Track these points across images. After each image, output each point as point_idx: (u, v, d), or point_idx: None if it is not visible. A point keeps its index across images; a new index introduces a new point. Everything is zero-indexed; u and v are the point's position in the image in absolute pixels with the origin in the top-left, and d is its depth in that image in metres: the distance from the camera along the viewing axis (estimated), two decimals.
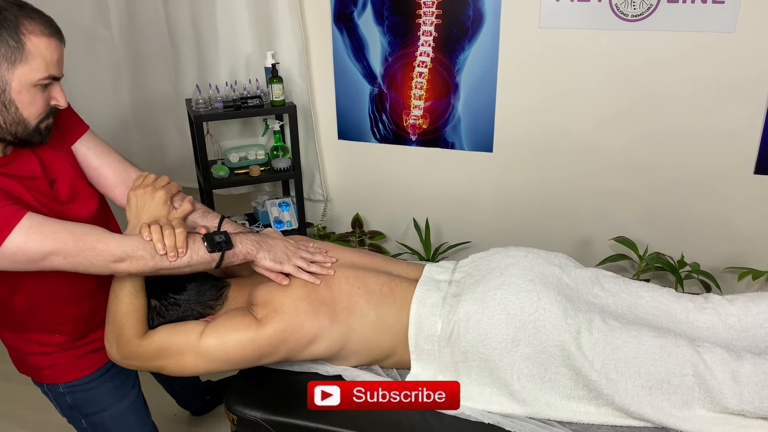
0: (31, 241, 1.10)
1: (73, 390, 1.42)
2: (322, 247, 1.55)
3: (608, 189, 2.41)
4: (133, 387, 1.53)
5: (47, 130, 1.23)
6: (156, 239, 1.22)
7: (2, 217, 1.09)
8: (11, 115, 1.15)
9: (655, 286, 1.53)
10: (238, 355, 1.33)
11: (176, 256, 1.22)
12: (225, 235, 1.31)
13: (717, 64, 2.09)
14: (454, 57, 2.40)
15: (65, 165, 1.33)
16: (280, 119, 2.62)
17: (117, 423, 1.47)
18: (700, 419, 1.30)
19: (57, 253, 1.13)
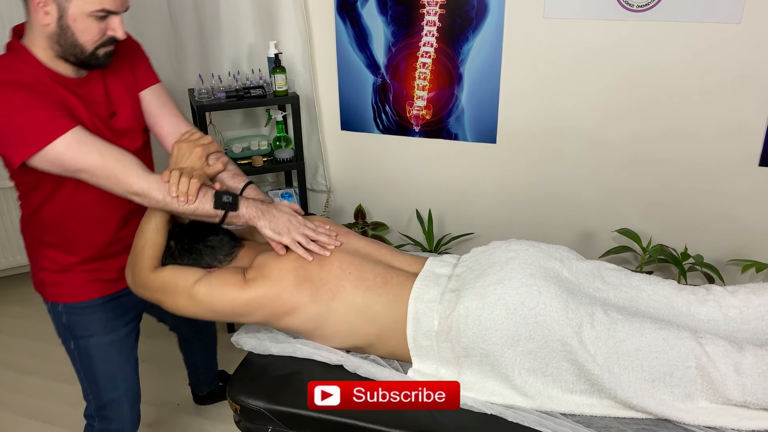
0: (68, 153, 1.28)
1: (70, 311, 1.54)
2: (334, 231, 1.58)
3: (612, 180, 2.40)
4: (125, 326, 1.61)
5: (106, 56, 1.38)
6: (172, 183, 1.35)
7: (54, 125, 1.27)
8: (68, 39, 1.31)
9: (657, 279, 1.53)
10: (220, 307, 1.44)
11: (185, 202, 1.36)
12: (233, 197, 1.42)
13: (723, 56, 2.08)
14: (458, 47, 2.39)
15: (128, 104, 1.51)
16: (282, 109, 2.62)
17: (99, 352, 1.56)
18: (702, 411, 1.30)
19: (85, 171, 1.31)
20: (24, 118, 1.25)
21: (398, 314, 1.45)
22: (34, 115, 1.26)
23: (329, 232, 1.56)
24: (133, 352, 1.66)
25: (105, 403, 1.60)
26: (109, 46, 1.37)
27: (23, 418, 2.22)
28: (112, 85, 1.48)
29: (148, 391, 2.31)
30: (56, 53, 1.34)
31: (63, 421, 2.18)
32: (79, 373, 1.60)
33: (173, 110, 1.61)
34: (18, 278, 3.06)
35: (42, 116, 1.26)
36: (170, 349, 2.50)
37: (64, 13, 1.28)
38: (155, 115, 1.57)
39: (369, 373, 1.44)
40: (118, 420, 1.61)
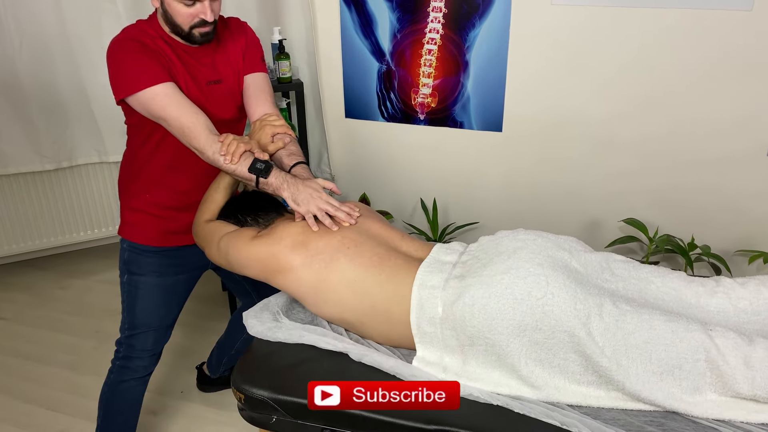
0: (155, 101, 1.57)
1: (131, 249, 1.79)
2: (358, 211, 1.64)
3: (619, 170, 2.38)
4: (173, 276, 1.83)
5: (202, 36, 1.62)
6: (224, 144, 1.58)
7: (151, 77, 1.56)
8: (170, 19, 1.59)
9: (666, 270, 1.51)
10: (232, 258, 1.58)
11: (229, 161, 1.57)
12: (267, 165, 1.58)
13: (733, 43, 2.05)
14: (464, 34, 2.36)
15: (229, 80, 1.75)
16: (286, 96, 2.60)
17: (145, 290, 1.78)
18: (711, 404, 1.29)
19: (163, 120, 1.59)
20: (130, 65, 1.57)
21: (391, 296, 1.45)
22: (138, 64, 1.56)
23: (351, 210, 1.61)
24: (176, 299, 1.86)
25: (134, 333, 1.79)
26: (204, 27, 1.60)
27: (29, 406, 2.23)
28: (220, 59, 1.73)
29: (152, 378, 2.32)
30: (169, 29, 1.63)
31: (68, 409, 2.18)
32: (123, 303, 1.81)
33: (268, 98, 1.81)
34: (24, 266, 3.07)
35: (144, 66, 1.56)
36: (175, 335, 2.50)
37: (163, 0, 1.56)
38: (250, 97, 1.78)
39: (374, 362, 1.44)
40: (140, 348, 1.81)
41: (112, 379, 1.83)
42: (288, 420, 1.40)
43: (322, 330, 1.52)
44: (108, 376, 1.84)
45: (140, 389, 1.86)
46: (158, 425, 2.13)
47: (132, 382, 1.83)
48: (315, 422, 1.38)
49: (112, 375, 1.83)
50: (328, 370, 1.44)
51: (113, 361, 1.84)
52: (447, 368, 1.42)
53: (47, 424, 2.14)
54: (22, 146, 2.83)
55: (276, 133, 1.72)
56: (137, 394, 1.86)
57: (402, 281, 1.46)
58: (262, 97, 1.79)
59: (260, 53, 1.82)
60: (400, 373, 1.41)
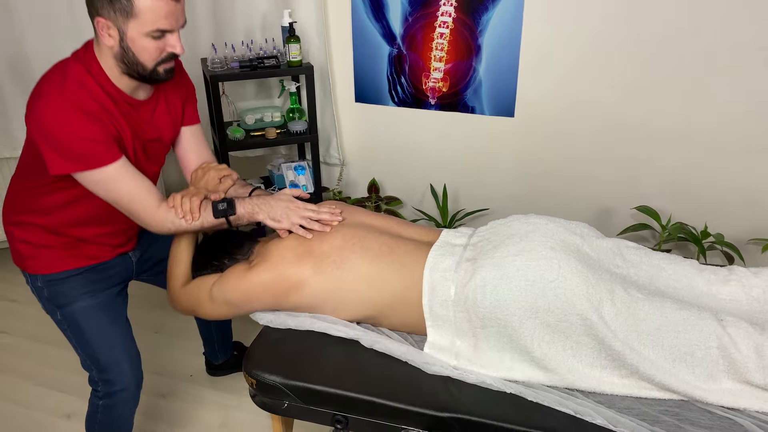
0: (106, 184, 1.42)
1: (49, 284, 1.59)
2: (339, 209, 1.62)
3: (631, 157, 2.35)
4: (106, 290, 1.64)
5: (167, 72, 1.47)
6: (176, 206, 1.48)
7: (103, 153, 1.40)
8: (130, 58, 1.40)
9: (678, 258, 1.50)
10: (233, 298, 1.51)
11: (191, 220, 1.49)
12: (228, 202, 1.52)
13: (752, 26, 2.01)
14: (477, 17, 2.32)
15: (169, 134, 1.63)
16: (296, 80, 2.57)
17: (85, 316, 1.59)
18: (726, 392, 1.28)
19: (113, 202, 1.46)
20: (79, 143, 1.37)
21: (408, 282, 1.44)
22: (88, 144, 1.37)
23: (332, 209, 1.59)
24: (122, 314, 1.69)
25: (104, 365, 1.61)
26: (170, 62, 1.46)
27: (39, 388, 2.24)
28: (161, 114, 1.60)
29: (160, 362, 2.34)
30: (122, 70, 1.44)
31: (78, 391, 2.19)
32: (71, 342, 1.63)
33: (206, 149, 1.74)
34: None
35: (95, 146, 1.38)
36: (183, 319, 2.50)
37: (124, 36, 1.37)
38: (189, 150, 1.71)
39: (386, 349, 1.43)
40: (120, 380, 1.62)
41: (101, 419, 1.66)
42: (300, 405, 1.40)
43: (332, 318, 1.51)
44: (92, 416, 1.67)
45: (133, 413, 1.70)
46: (167, 408, 2.14)
47: (126, 413, 1.67)
48: (327, 408, 1.38)
49: (99, 416, 1.65)
50: (340, 356, 1.44)
51: (93, 401, 1.66)
52: (459, 354, 1.41)
53: (56, 405, 2.15)
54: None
55: (222, 175, 1.64)
56: (130, 418, 1.70)
57: (415, 266, 1.46)
58: (203, 150, 1.73)
59: (196, 102, 1.73)
60: (412, 359, 1.41)
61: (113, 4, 1.34)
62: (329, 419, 1.39)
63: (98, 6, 1.35)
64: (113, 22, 1.36)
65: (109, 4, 1.34)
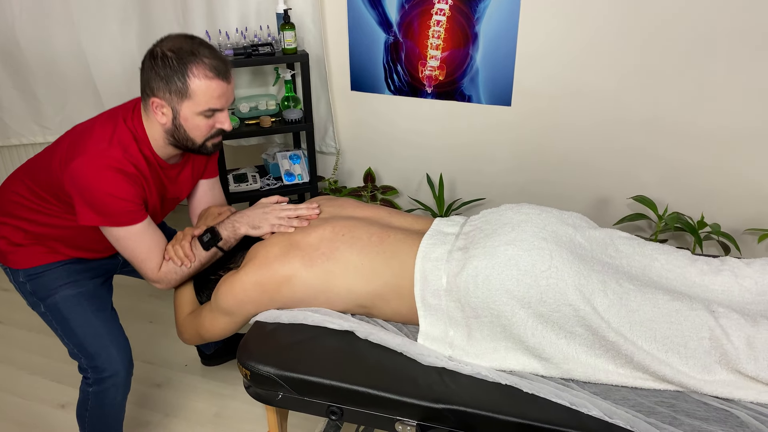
0: (126, 239, 1.52)
1: (31, 278, 1.61)
2: (316, 203, 1.66)
3: (629, 146, 2.34)
4: (90, 281, 1.68)
5: (214, 146, 1.58)
6: (171, 256, 1.56)
7: (131, 214, 1.49)
8: (181, 134, 1.51)
9: (671, 248, 1.49)
10: (229, 306, 1.50)
11: (189, 263, 1.57)
12: (210, 231, 1.58)
13: (751, 13, 1.99)
14: (474, 5, 2.30)
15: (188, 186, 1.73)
16: (291, 68, 2.55)
17: (68, 305, 1.61)
18: (721, 383, 1.28)
19: (126, 254, 1.55)
20: (112, 201, 1.45)
21: (399, 271, 1.43)
22: (120, 204, 1.46)
23: (309, 205, 1.62)
24: (107, 303, 1.70)
25: (92, 353, 1.60)
26: (218, 137, 1.56)
27: (33, 377, 2.23)
28: (186, 176, 1.70)
29: (155, 351, 2.33)
30: (170, 143, 1.54)
31: (73, 380, 2.18)
32: (57, 333, 1.63)
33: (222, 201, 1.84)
34: None
35: (125, 206, 1.47)
36: None
37: (177, 114, 1.47)
38: (204, 202, 1.80)
39: (380, 340, 1.42)
40: (109, 366, 1.61)
41: (92, 405, 1.66)
42: (294, 397, 1.39)
43: (326, 310, 1.50)
44: (83, 402, 1.67)
45: (124, 399, 1.70)
46: (162, 398, 2.13)
47: (117, 399, 1.67)
48: (321, 399, 1.37)
49: (90, 402, 1.65)
50: (335, 347, 1.43)
51: (83, 388, 1.66)
52: (453, 344, 1.40)
53: (51, 395, 2.14)
54: (23, 116, 2.79)
55: (220, 212, 1.72)
56: (121, 404, 1.70)
57: (407, 255, 1.45)
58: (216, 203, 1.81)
59: (217, 156, 1.81)
60: (407, 351, 1.40)
61: (169, 86, 1.43)
62: (324, 410, 1.38)
63: (155, 87, 1.44)
64: (168, 102, 1.45)
65: (166, 86, 1.43)
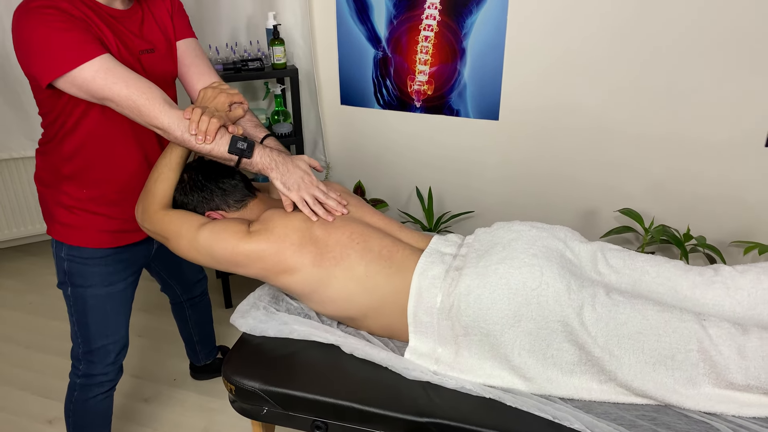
0: (96, 80, 1.30)
1: (72, 259, 1.55)
2: (344, 199, 1.59)
3: (615, 159, 2.36)
4: (123, 281, 1.63)
5: None
6: (193, 120, 1.36)
7: (84, 50, 1.29)
8: None
9: (662, 259, 1.49)
10: (219, 254, 1.43)
11: (203, 141, 1.37)
12: (249, 143, 1.41)
13: (735, 27, 2.02)
14: (461, 21, 2.33)
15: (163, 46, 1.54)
16: (281, 83, 2.57)
17: (94, 302, 1.58)
18: (703, 397, 1.29)
19: (110, 100, 1.33)
20: (57, 40, 1.27)
21: (398, 287, 1.43)
22: (66, 38, 1.27)
23: (339, 198, 1.56)
24: (127, 304, 1.69)
25: (93, 348, 1.62)
26: None
27: (22, 392, 2.22)
28: (150, 26, 1.50)
29: (144, 365, 2.33)
30: None
31: (61, 396, 2.17)
32: (71, 317, 1.63)
33: (206, 63, 1.64)
34: (14, 251, 3.05)
35: (74, 39, 1.28)
36: (167, 323, 2.50)
37: None
38: (188, 65, 1.60)
39: (366, 354, 1.43)
40: (102, 365, 1.64)
41: (77, 397, 1.66)
42: (279, 411, 1.40)
43: (312, 323, 1.51)
44: (70, 393, 1.68)
45: (109, 401, 1.71)
46: (151, 412, 2.13)
47: (99, 397, 1.68)
48: (306, 414, 1.38)
49: (76, 393, 1.66)
50: (320, 362, 1.44)
51: (72, 377, 1.67)
52: (439, 360, 1.41)
53: (39, 411, 2.13)
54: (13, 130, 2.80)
55: (233, 101, 1.49)
56: (107, 406, 1.72)
57: (408, 272, 1.45)
58: (202, 65, 1.62)
59: (187, 17, 1.63)
60: (392, 365, 1.41)
61: None
62: (309, 425, 1.39)
63: None
64: None
65: None
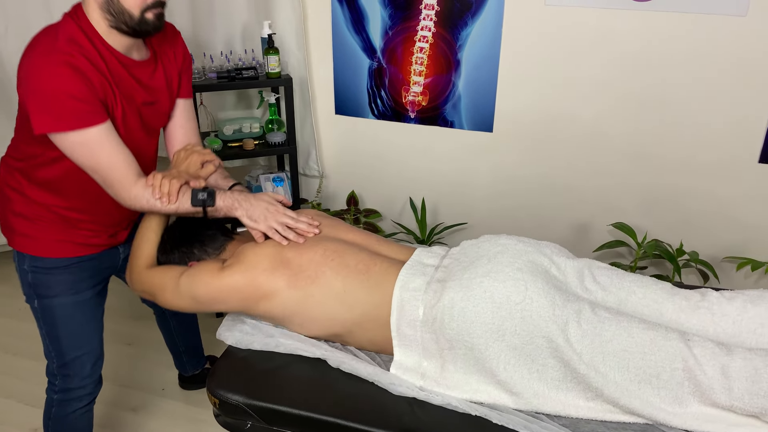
0: (84, 147, 1.36)
1: (36, 270, 1.54)
2: (316, 220, 1.59)
3: (609, 173, 2.36)
4: (90, 289, 1.62)
5: (157, 18, 1.40)
6: (155, 186, 1.43)
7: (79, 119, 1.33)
8: (116, 6, 1.35)
9: (651, 281, 1.47)
10: (200, 294, 1.45)
11: (167, 202, 1.43)
12: (209, 192, 1.47)
13: (727, 49, 2.03)
14: (457, 33, 2.33)
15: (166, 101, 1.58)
16: (275, 92, 2.56)
17: (63, 312, 1.57)
18: (690, 415, 1.27)
19: (90, 169, 1.40)
20: (60, 102, 1.31)
21: (379, 300, 1.42)
22: (68, 104, 1.31)
23: (310, 220, 1.57)
24: (98, 312, 1.67)
25: (67, 361, 1.60)
26: (157, 8, 1.39)
27: (6, 400, 2.20)
28: (159, 78, 1.54)
29: (132, 374, 2.31)
30: (110, 23, 1.38)
31: None
32: (41, 330, 1.61)
33: (194, 127, 1.70)
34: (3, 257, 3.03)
35: (75, 107, 1.32)
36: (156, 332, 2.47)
37: None
38: (179, 126, 1.66)
39: (352, 369, 1.42)
40: (79, 378, 1.62)
41: (55, 413, 1.64)
42: (263, 426, 1.38)
43: (298, 336, 1.49)
44: (48, 410, 1.65)
45: (89, 415, 1.69)
46: (138, 422, 2.11)
47: (79, 412, 1.65)
48: (290, 429, 1.36)
49: (54, 409, 1.64)
50: (305, 376, 1.42)
51: (49, 393, 1.65)
52: (425, 374, 1.40)
53: (23, 419, 2.11)
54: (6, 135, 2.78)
55: (205, 160, 1.55)
56: (87, 421, 1.69)
57: (389, 285, 1.44)
58: (191, 129, 1.68)
59: (191, 75, 1.69)
60: (378, 380, 1.39)
61: None
62: None
63: None
64: None
65: None
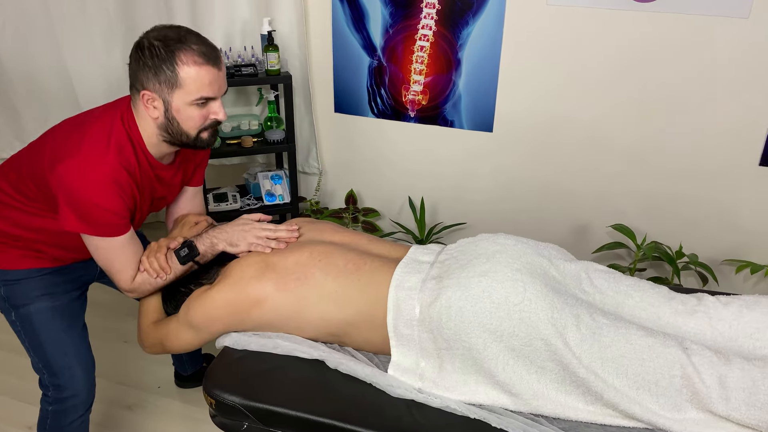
0: (105, 250, 1.46)
1: (7, 282, 1.55)
2: (298, 225, 1.63)
3: (609, 175, 2.35)
4: (66, 294, 1.62)
5: (211, 136, 1.50)
6: (146, 267, 1.52)
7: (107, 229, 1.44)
8: (175, 127, 1.44)
9: (647, 284, 1.47)
10: (197, 320, 1.47)
11: (164, 276, 1.53)
12: (187, 245, 1.55)
13: (728, 50, 2.02)
14: (458, 32, 2.32)
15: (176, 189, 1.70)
16: (275, 89, 2.55)
17: (40, 318, 1.56)
18: (691, 422, 1.27)
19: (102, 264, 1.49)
20: (95, 213, 1.40)
21: (373, 299, 1.42)
22: (102, 216, 1.40)
23: (289, 227, 1.59)
24: (80, 319, 1.66)
25: (56, 370, 1.58)
26: (212, 128, 1.49)
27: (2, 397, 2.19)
28: (177, 177, 1.65)
29: (128, 372, 2.30)
30: (164, 139, 1.47)
31: None
32: (24, 344, 1.59)
33: (202, 209, 1.81)
34: None
35: (107, 220, 1.42)
36: None
37: (169, 106, 1.41)
38: (183, 209, 1.76)
39: (350, 370, 1.41)
40: (71, 386, 1.59)
41: (50, 425, 1.62)
42: (259, 427, 1.37)
43: (295, 338, 1.48)
44: (42, 421, 1.64)
45: (85, 425, 1.67)
46: (134, 420, 2.10)
47: (75, 423, 1.63)
48: (286, 430, 1.35)
49: (48, 421, 1.62)
50: (303, 377, 1.41)
51: (43, 405, 1.63)
52: (423, 375, 1.39)
53: (18, 416, 2.10)
54: (4, 132, 2.77)
55: (197, 221, 1.69)
56: (81, 427, 1.66)
57: (382, 283, 1.43)
58: (195, 211, 1.78)
59: (206, 164, 1.78)
60: (377, 381, 1.39)
61: (158, 77, 1.37)
62: None
63: (143, 80, 1.39)
64: (158, 93, 1.39)
65: (155, 77, 1.37)
